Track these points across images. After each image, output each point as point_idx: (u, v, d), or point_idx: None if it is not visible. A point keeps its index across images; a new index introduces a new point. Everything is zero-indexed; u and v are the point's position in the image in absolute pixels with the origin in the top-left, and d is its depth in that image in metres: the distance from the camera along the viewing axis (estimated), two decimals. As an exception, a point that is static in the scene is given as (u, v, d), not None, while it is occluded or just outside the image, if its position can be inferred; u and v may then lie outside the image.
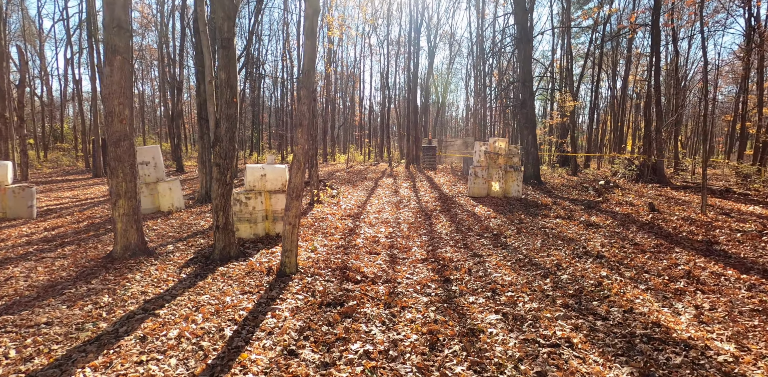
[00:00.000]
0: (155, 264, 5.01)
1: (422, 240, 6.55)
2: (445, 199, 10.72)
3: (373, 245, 6.19)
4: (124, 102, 5.09)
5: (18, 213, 9.04)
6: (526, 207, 9.27)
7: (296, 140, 4.30)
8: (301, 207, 8.40)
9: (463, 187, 13.33)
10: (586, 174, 20.28)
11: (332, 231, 7.12)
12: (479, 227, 7.34)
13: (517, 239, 6.46)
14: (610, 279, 4.53)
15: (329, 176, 17.58)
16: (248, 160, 32.74)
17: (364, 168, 23.43)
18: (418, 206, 9.80)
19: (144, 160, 9.37)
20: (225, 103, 4.83)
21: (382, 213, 9.01)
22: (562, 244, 6.04)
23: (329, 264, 5.01)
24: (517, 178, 11.08)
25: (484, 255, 5.58)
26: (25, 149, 16.10)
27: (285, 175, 6.78)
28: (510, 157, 11.27)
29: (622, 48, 30.85)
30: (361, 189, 13.22)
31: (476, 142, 11.37)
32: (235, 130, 4.96)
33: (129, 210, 5.16)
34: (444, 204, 9.89)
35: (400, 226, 7.58)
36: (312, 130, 9.96)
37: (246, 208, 6.50)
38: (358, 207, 9.68)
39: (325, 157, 33.80)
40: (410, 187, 13.59)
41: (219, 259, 5.07)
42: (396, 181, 15.81)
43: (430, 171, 20.68)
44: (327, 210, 9.11)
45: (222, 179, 4.93)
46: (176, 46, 25.33)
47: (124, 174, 5.12)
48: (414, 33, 29.18)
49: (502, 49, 20.20)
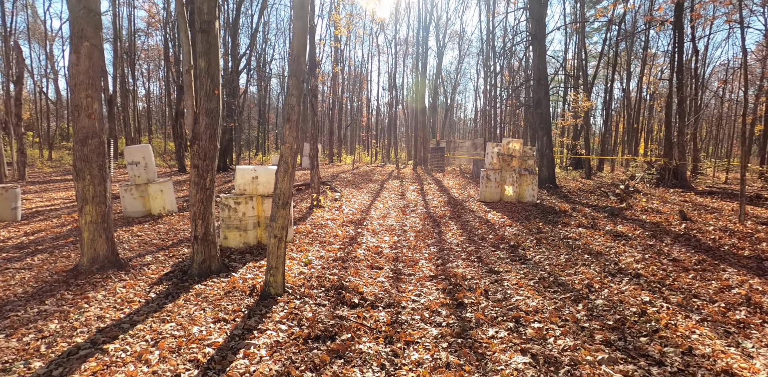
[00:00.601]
0: (125, 279, 4.39)
1: (430, 251, 5.86)
2: (454, 204, 10.02)
3: (376, 257, 5.51)
4: (92, 94, 4.48)
5: (1, 216, 8.51)
6: (543, 214, 8.53)
7: (284, 138, 3.64)
8: (290, 217, 7.73)
9: (474, 190, 12.61)
10: (601, 177, 19.43)
11: (331, 239, 6.45)
12: (493, 237, 6.63)
13: (537, 252, 5.74)
14: (655, 305, 3.80)
15: (334, 178, 16.95)
16: (253, 161, 32.27)
17: (371, 169, 22.78)
18: (425, 211, 9.11)
19: (134, 160, 8.80)
20: (205, 95, 4.20)
21: (387, 219, 8.33)
22: (589, 259, 5.31)
23: (323, 281, 4.35)
24: (532, 182, 10.34)
25: (502, 271, 4.88)
26: (23, 148, 15.69)
27: (279, 178, 6.13)
28: (524, 159, 10.53)
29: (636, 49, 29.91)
30: (366, 192, 12.56)
31: (488, 143, 10.66)
32: (216, 127, 4.32)
33: (97, 218, 4.54)
34: (454, 210, 9.18)
35: (406, 235, 6.90)
36: (313, 129, 9.33)
37: (235, 214, 5.86)
38: (361, 213, 9.01)
39: (331, 157, 33.23)
40: (418, 190, 12.90)
41: (197, 275, 4.42)
42: (403, 183, 15.13)
43: (438, 173, 19.97)
44: (328, 216, 8.45)
45: (201, 183, 4.29)
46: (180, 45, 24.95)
47: (92, 176, 4.51)
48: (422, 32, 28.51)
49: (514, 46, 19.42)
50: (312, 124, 9.48)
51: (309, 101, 9.30)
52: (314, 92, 9.22)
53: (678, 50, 14.94)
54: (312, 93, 9.22)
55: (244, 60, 20.95)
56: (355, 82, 45.08)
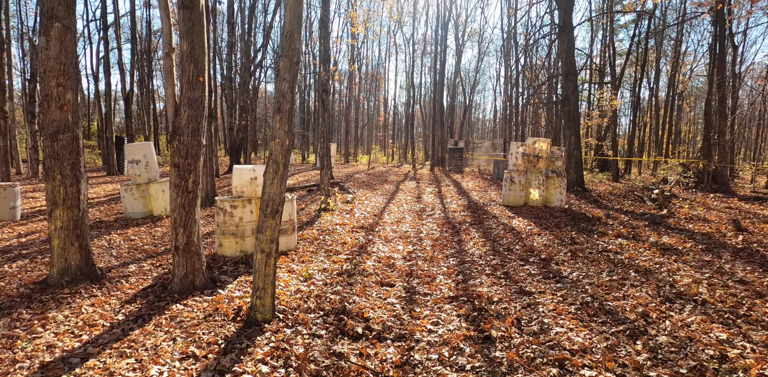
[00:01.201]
0: (96, 295, 3.81)
1: (449, 264, 5.14)
2: (475, 208, 9.24)
3: (387, 271, 4.83)
4: (64, 83, 3.93)
5: (1, 215, 8.15)
6: (574, 221, 7.70)
7: (274, 132, 2.99)
8: (293, 223, 7.09)
9: (495, 193, 11.79)
10: (629, 180, 18.29)
11: (338, 248, 5.79)
12: (521, 247, 5.86)
13: (573, 267, 4.96)
14: (735, 345, 3.01)
15: (348, 178, 16.33)
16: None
17: (387, 170, 22.11)
18: (443, 216, 8.37)
19: (134, 159, 8.34)
20: (187, 82, 3.58)
21: (402, 224, 7.63)
22: (638, 278, 4.51)
23: (323, 302, 3.68)
24: (560, 185, 9.48)
25: (534, 292, 4.12)
26: (36, 145, 15.58)
27: (281, 179, 5.50)
28: (552, 161, 9.69)
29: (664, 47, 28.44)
30: (381, 194, 11.88)
31: (512, 142, 9.85)
32: (200, 120, 3.71)
33: (68, 223, 3.98)
34: (475, 215, 8.42)
35: (422, 243, 6.19)
36: (324, 127, 8.71)
37: (231, 219, 5.26)
38: (374, 217, 8.34)
39: (347, 157, 32.70)
40: (435, 193, 12.15)
41: (178, 291, 3.82)
42: (419, 184, 14.39)
43: (456, 174, 19.15)
44: (337, 220, 7.80)
45: (182, 185, 3.67)
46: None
47: (63, 176, 3.95)
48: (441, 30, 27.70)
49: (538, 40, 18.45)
50: (322, 121, 8.86)
51: (320, 97, 8.67)
52: (325, 87, 8.60)
53: (719, 44, 13.79)
54: (323, 88, 8.61)
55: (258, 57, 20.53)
56: (372, 81, 44.51)
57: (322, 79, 8.57)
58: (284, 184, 3.10)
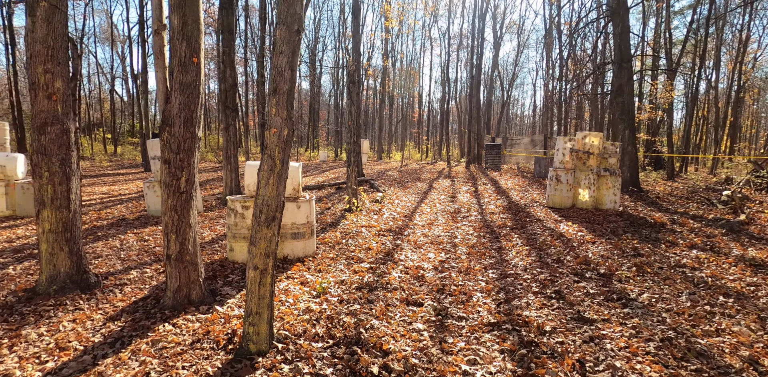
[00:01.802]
0: (81, 308, 3.37)
1: (488, 278, 4.39)
2: (516, 210, 8.36)
3: (414, 285, 4.14)
4: (53, 69, 3.51)
5: (28, 211, 8.12)
6: (634, 228, 6.69)
7: (269, 120, 2.38)
8: (312, 226, 6.53)
9: (538, 193, 10.79)
10: (687, 180, 16.60)
11: (361, 255, 5.17)
12: (573, 259, 5.01)
13: (641, 286, 4.08)
14: None
15: (379, 175, 15.73)
16: (302, 157, 31.98)
17: (420, 167, 21.33)
18: (481, 219, 7.57)
19: (156, 154, 8.07)
20: (179, 64, 3.04)
21: (434, 227, 6.91)
22: (730, 305, 3.59)
23: (335, 326, 3.06)
24: (613, 185, 8.42)
25: (597, 319, 3.32)
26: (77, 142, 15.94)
27: (298, 177, 4.94)
28: (605, 157, 8.63)
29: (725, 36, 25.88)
30: (413, 193, 11.18)
31: (559, 137, 8.86)
32: (195, 108, 3.16)
33: (57, 226, 3.57)
34: (516, 218, 7.56)
35: (456, 250, 5.45)
36: (351, 120, 8.11)
37: (243, 222, 4.75)
38: (404, 218, 7.66)
39: (380, 154, 32.15)
40: (471, 192, 11.30)
41: (171, 306, 3.31)
42: (454, 183, 13.56)
43: (493, 172, 18.11)
44: (363, 221, 7.19)
45: (174, 184, 3.15)
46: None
47: (51, 173, 3.54)
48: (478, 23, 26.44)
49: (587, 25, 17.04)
50: (350, 115, 8.27)
51: (348, 89, 8.07)
52: (353, 78, 7.99)
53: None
54: (351, 78, 8.00)
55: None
56: (407, 77, 43.68)
57: (349, 70, 7.96)
58: (283, 185, 2.49)
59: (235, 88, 9.08)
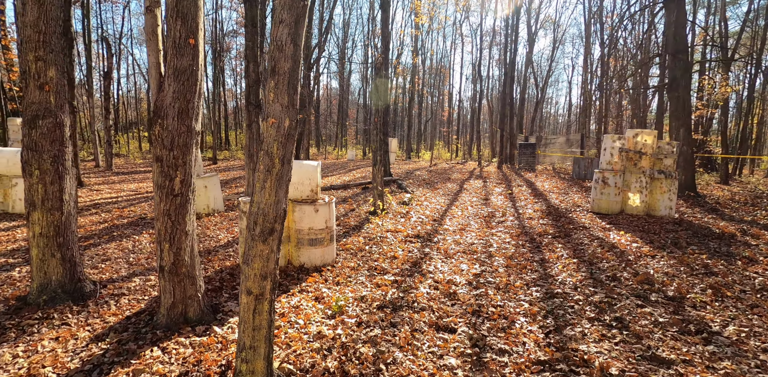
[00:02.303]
0: (69, 323, 3.01)
1: (532, 297, 3.76)
2: (557, 215, 7.61)
3: (445, 304, 3.58)
4: (45, 56, 3.15)
5: (53, 209, 8.06)
6: (698, 239, 5.84)
7: (266, 108, 1.89)
8: (331, 231, 6.03)
9: (579, 196, 9.93)
10: (745, 183, 15.13)
11: (386, 264, 4.64)
12: (631, 275, 4.29)
13: (723, 315, 3.35)
14: None
15: (407, 175, 15.17)
16: (329, 156, 31.81)
17: (450, 167, 20.60)
18: (518, 224, 6.88)
19: (177, 152, 7.88)
20: (173, 46, 2.60)
21: (467, 232, 6.30)
22: None
23: (349, 361, 2.54)
24: (669, 189, 7.53)
25: (676, 361, 2.65)
26: (110, 139, 16.25)
27: (316, 178, 4.46)
28: (659, 158, 7.73)
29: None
30: (442, 194, 10.56)
31: (606, 136, 8.03)
32: (192, 97, 2.72)
33: (48, 229, 3.23)
34: (558, 224, 6.83)
35: (492, 261, 4.83)
36: (377, 117, 7.60)
37: (255, 226, 4.31)
38: (433, 222, 7.08)
39: (408, 153, 31.54)
40: (505, 194, 10.56)
41: (164, 326, 2.89)
42: (486, 184, 12.82)
43: (528, 172, 17.18)
44: (389, 225, 6.66)
45: (166, 186, 2.72)
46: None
47: (42, 171, 3.20)
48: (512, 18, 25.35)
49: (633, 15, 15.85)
50: (376, 111, 7.75)
51: (374, 82, 7.55)
52: (380, 70, 7.46)
53: None
54: (377, 71, 7.47)
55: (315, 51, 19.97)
56: (437, 75, 42.83)
57: (377, 62, 7.44)
58: (284, 189, 1.99)
59: (258, 84, 8.73)
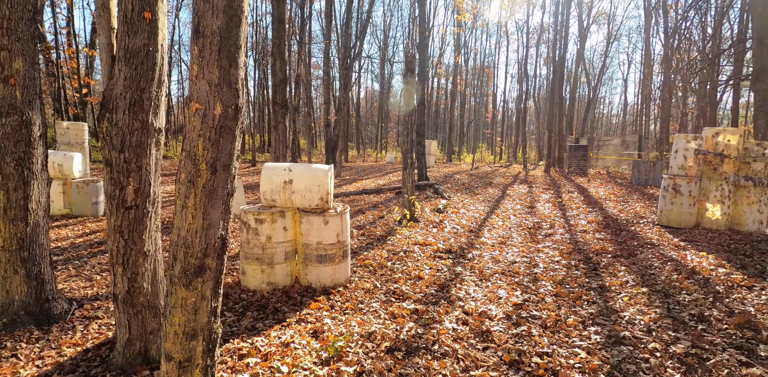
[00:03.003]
0: (19, 354, 2.54)
1: (591, 342, 2.90)
2: (616, 228, 6.54)
3: (474, 348, 2.81)
4: (9, 45, 2.74)
5: (83, 210, 8.06)
6: (806, 263, 4.64)
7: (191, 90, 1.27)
8: (345, 247, 5.31)
9: (641, 205, 8.68)
10: None
11: (406, 287, 3.92)
12: (724, 315, 3.30)
13: None
14: None
15: (446, 179, 14.33)
16: (368, 159, 31.44)
17: (493, 170, 19.48)
18: (569, 239, 5.92)
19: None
20: (124, 22, 2.06)
21: (507, 247, 5.44)
22: None
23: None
24: (759, 199, 6.25)
25: None
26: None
27: (327, 184, 3.83)
28: (746, 162, 6.46)
29: None
30: (482, 201, 9.66)
31: (678, 135, 6.85)
32: (148, 86, 2.16)
33: (11, 243, 2.81)
34: (618, 240, 5.80)
35: (537, 287, 3.98)
36: (408, 116, 6.90)
37: (255, 239, 3.75)
38: (469, 233, 6.27)
39: (449, 156, 30.53)
40: (553, 201, 9.49)
41: (119, 365, 2.35)
42: (532, 189, 11.73)
43: (579, 177, 15.77)
44: (419, 236, 5.93)
45: (117, 196, 2.17)
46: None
47: (4, 176, 2.78)
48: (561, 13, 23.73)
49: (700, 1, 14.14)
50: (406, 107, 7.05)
51: (405, 78, 6.86)
52: (410, 66, 6.76)
53: None
54: (408, 67, 6.78)
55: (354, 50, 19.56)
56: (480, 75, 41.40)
57: (407, 57, 6.75)
58: (220, 208, 1.34)
59: (285, 83, 8.32)
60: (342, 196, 10.39)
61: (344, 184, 13.32)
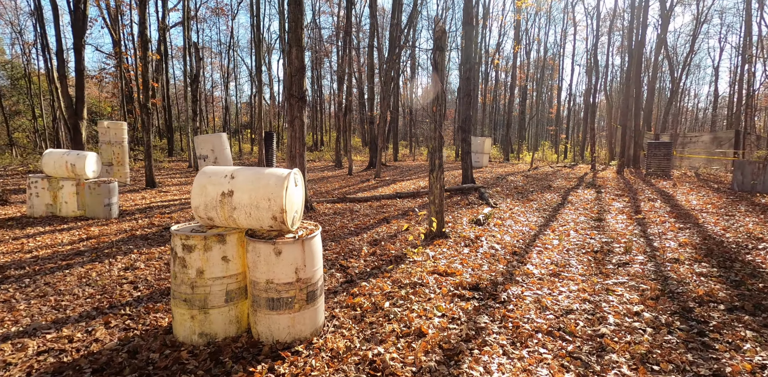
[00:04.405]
0: None
1: None
2: (724, 257, 4.70)
3: None
4: None
5: (95, 212, 7.64)
6: None
7: None
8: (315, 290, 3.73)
9: (754, 220, 6.56)
10: None
11: (396, 354, 2.62)
12: None
13: None
14: None
15: (497, 181, 12.65)
16: (419, 158, 30.09)
17: (554, 170, 17.30)
18: (654, 271, 4.24)
19: (201, 154, 6.74)
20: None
21: (561, 283, 3.93)
22: None
23: None
24: None
25: None
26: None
27: (281, 197, 2.63)
28: None
29: None
30: (535, 209, 8.01)
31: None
32: None
33: None
34: (731, 277, 4.02)
35: (604, 363, 2.50)
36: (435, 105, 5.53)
37: (183, 273, 2.66)
38: (510, 257, 4.79)
39: (506, 154, 28.26)
40: (628, 212, 7.59)
41: None
42: (601, 195, 9.76)
43: (661, 180, 13.28)
44: (442, 259, 4.58)
45: None
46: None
47: None
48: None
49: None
50: (435, 99, 5.67)
51: (433, 60, 5.48)
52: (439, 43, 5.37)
53: None
54: (436, 44, 5.40)
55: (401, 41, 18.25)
56: (544, 67, 38.24)
57: (436, 31, 5.38)
58: None
59: (303, 72, 7.29)
60: (372, 201, 9.22)
61: (381, 185, 12.15)
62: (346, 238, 5.84)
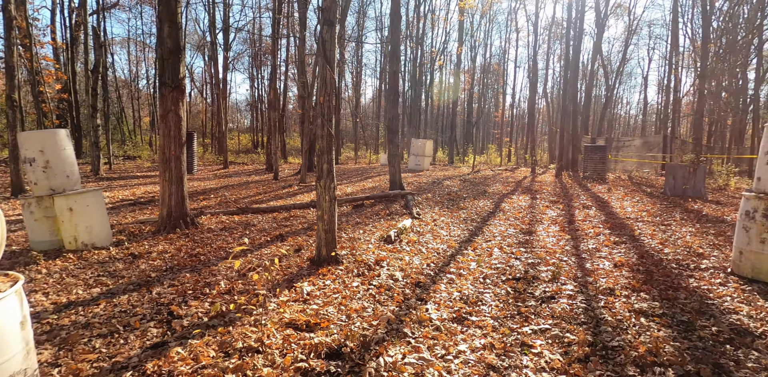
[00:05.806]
0: None
1: None
2: (666, 284, 3.85)
3: None
4: None
5: None
6: None
7: None
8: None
9: (691, 231, 5.94)
10: None
11: None
12: None
13: None
14: None
15: (432, 186, 11.72)
16: (361, 161, 29.00)
17: (495, 174, 16.75)
18: (584, 310, 3.28)
19: (27, 156, 5.09)
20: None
21: (462, 332, 2.84)
22: None
23: None
24: None
25: None
26: (97, 141, 14.34)
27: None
28: None
29: None
30: (462, 220, 7.05)
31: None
32: None
33: None
34: (677, 316, 3.13)
35: None
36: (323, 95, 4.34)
37: None
38: (410, 290, 3.68)
39: (451, 158, 27.84)
40: (562, 222, 6.80)
41: None
42: (536, 202, 9.04)
43: (597, 183, 12.96)
44: (318, 299, 3.37)
45: None
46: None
47: None
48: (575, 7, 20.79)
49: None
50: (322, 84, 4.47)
51: (320, 37, 4.29)
52: (327, 17, 4.20)
53: None
54: (324, 17, 4.22)
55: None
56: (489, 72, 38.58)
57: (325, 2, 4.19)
58: None
59: (178, 55, 5.87)
60: (280, 211, 7.87)
61: (304, 192, 10.80)
62: (213, 265, 4.49)
